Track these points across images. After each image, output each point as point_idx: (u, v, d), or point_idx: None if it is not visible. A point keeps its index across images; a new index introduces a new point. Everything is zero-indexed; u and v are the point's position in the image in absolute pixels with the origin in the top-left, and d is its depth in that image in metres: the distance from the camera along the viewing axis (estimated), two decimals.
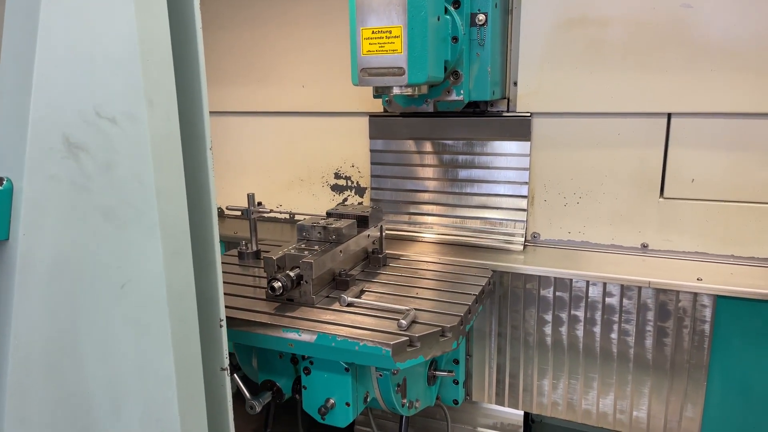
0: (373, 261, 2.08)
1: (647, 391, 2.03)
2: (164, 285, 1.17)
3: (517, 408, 2.24)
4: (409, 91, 1.79)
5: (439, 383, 2.15)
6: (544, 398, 2.18)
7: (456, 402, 2.18)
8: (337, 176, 2.63)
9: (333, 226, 1.90)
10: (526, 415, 2.36)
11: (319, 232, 1.91)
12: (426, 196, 2.42)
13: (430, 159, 2.37)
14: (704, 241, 2.07)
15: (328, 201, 2.67)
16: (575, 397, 2.13)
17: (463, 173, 2.33)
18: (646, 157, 2.09)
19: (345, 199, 2.64)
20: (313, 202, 2.69)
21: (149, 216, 1.15)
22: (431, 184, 2.39)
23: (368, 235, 2.07)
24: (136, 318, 1.18)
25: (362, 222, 2.05)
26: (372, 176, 2.50)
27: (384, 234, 2.13)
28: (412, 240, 2.42)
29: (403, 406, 1.88)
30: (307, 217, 2.04)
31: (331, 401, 1.72)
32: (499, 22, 2.06)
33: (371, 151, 2.49)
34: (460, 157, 2.32)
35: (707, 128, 1.99)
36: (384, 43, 1.68)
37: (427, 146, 2.36)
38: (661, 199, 2.10)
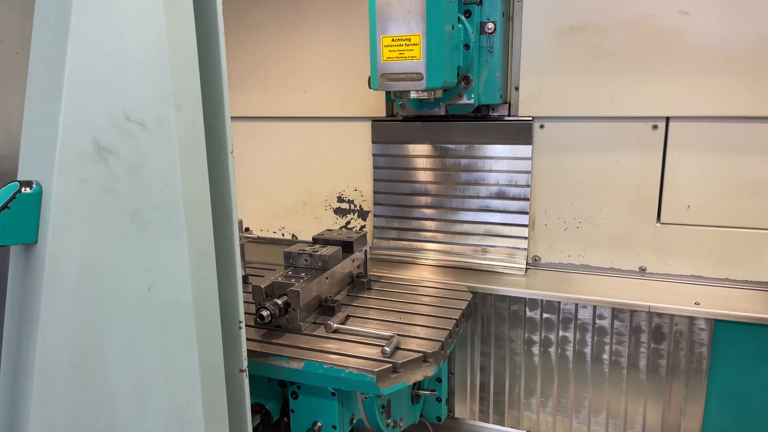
0: (358, 285, 2.11)
1: (641, 410, 2.07)
2: (189, 287, 1.19)
3: (502, 425, 2.29)
4: (425, 95, 1.85)
5: (422, 401, 2.20)
6: (532, 414, 2.22)
7: (439, 419, 2.23)
8: (340, 200, 2.66)
9: (319, 253, 1.94)
10: None
11: (306, 259, 1.95)
12: (427, 200, 2.44)
13: (432, 162, 2.40)
14: (700, 265, 2.13)
15: (331, 224, 2.70)
16: (565, 416, 2.18)
17: (465, 176, 2.36)
18: (644, 171, 2.13)
19: (347, 223, 2.67)
20: (316, 225, 2.71)
21: (176, 218, 1.16)
22: (433, 188, 2.42)
23: (353, 260, 2.11)
24: (162, 320, 1.19)
25: (347, 247, 2.09)
26: (374, 180, 2.52)
27: (369, 257, 2.17)
28: (413, 263, 2.45)
29: (387, 426, 1.93)
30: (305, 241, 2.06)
31: (319, 424, 1.76)
32: (502, 30, 2.10)
33: (374, 155, 2.51)
34: (463, 161, 2.35)
35: (704, 131, 2.04)
36: (403, 50, 1.74)
37: (430, 150, 2.39)
38: (658, 224, 2.16)
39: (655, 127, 2.08)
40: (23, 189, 1.07)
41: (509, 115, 2.26)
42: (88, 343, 1.15)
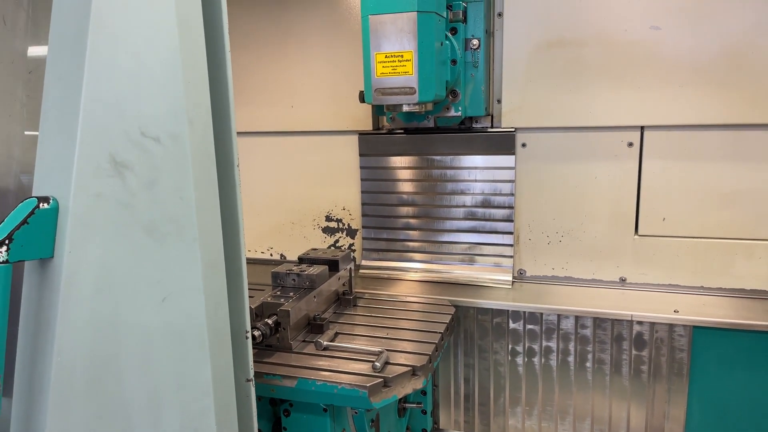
0: (344, 302, 2.17)
1: (625, 415, 2.17)
2: (202, 297, 1.22)
3: None
4: (417, 109, 1.92)
5: (408, 414, 2.25)
6: (517, 422, 2.30)
7: (425, 431, 2.30)
8: (329, 219, 2.71)
9: (306, 272, 1.99)
10: None
11: (294, 279, 1.99)
12: (414, 211, 2.51)
13: (418, 174, 2.47)
14: (676, 274, 2.24)
15: (320, 243, 2.74)
16: (551, 423, 2.26)
17: (451, 186, 2.43)
18: (621, 186, 2.25)
19: (336, 241, 2.72)
20: (305, 245, 2.74)
21: (189, 230, 1.20)
22: (420, 198, 2.49)
23: (339, 278, 2.17)
24: (176, 330, 1.21)
25: (333, 266, 2.14)
26: (362, 192, 2.58)
27: (354, 275, 2.24)
28: (403, 280, 2.52)
29: None
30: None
31: None
32: (485, 45, 2.20)
33: (361, 168, 2.57)
34: (449, 172, 2.43)
35: (676, 141, 2.16)
36: (396, 66, 1.83)
37: (416, 162, 2.47)
38: (636, 237, 2.27)
39: (630, 144, 2.20)
40: (41, 204, 1.08)
41: (492, 127, 2.35)
42: (103, 356, 1.17)
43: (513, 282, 2.39)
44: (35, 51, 1.46)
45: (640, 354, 2.11)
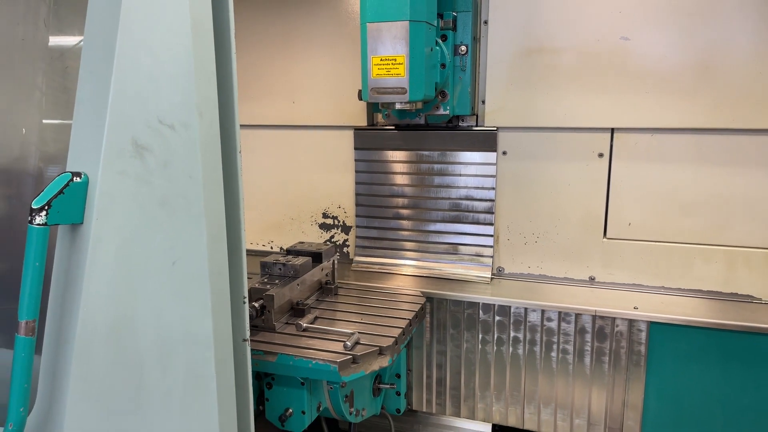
0: (326, 290, 2.37)
1: (587, 401, 2.34)
2: (206, 263, 1.41)
3: (458, 416, 2.55)
4: (408, 107, 2.14)
5: (383, 395, 2.44)
6: (487, 406, 2.48)
7: (398, 411, 2.49)
8: (325, 216, 2.90)
9: (291, 262, 2.19)
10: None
11: (280, 268, 2.19)
12: (404, 202, 2.69)
13: (408, 167, 2.66)
14: (640, 275, 2.43)
15: (316, 238, 2.94)
16: (518, 407, 2.44)
17: (438, 180, 2.62)
18: (592, 193, 2.43)
19: (331, 237, 2.91)
20: (302, 239, 2.94)
21: (196, 205, 1.39)
22: (409, 191, 2.68)
23: (322, 269, 2.36)
24: (183, 291, 1.41)
25: (317, 258, 2.34)
26: (356, 183, 2.76)
27: (336, 266, 2.44)
28: (392, 274, 2.71)
29: (350, 414, 2.17)
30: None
31: (290, 411, 2.00)
32: (472, 51, 2.39)
33: (355, 160, 2.75)
34: (436, 166, 2.62)
35: (644, 143, 2.34)
36: (390, 68, 2.04)
37: (406, 156, 2.65)
38: (604, 239, 2.45)
39: (600, 155, 2.38)
40: (74, 178, 1.29)
41: (477, 126, 2.54)
42: (122, 310, 1.36)
43: (492, 278, 2.58)
44: (56, 42, 1.66)
45: (601, 345, 2.28)
